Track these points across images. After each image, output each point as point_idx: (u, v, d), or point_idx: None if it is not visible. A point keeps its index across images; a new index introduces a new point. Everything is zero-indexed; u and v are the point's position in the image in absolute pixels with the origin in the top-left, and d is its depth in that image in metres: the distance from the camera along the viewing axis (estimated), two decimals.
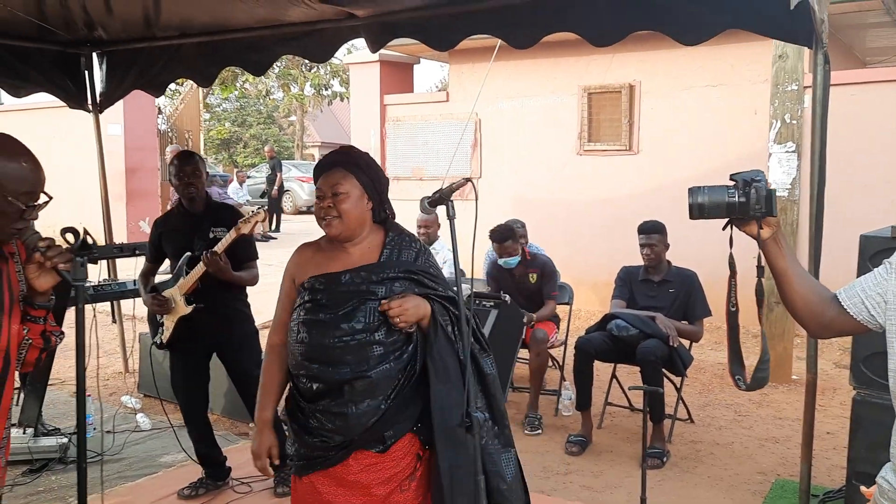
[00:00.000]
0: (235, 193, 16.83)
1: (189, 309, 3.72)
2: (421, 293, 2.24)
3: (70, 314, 3.13)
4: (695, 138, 7.97)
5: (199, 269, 3.63)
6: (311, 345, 2.21)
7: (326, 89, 29.54)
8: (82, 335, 2.14)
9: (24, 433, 4.28)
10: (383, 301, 2.18)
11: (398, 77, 10.32)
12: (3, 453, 2.17)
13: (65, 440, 4.34)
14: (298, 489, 2.35)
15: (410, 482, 2.26)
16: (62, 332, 2.22)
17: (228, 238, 3.60)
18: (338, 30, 4.55)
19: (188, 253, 3.75)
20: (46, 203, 2.04)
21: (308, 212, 20.37)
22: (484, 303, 4.56)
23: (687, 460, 4.51)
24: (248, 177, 20.46)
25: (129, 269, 5.55)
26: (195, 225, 3.81)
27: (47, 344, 2.15)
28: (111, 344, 6.55)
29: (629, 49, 7.43)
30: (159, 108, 13.43)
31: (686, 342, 4.80)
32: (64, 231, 2.05)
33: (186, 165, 3.82)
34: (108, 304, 6.08)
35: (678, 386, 4.94)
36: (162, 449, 4.52)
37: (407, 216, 4.61)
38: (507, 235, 5.23)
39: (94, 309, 4.50)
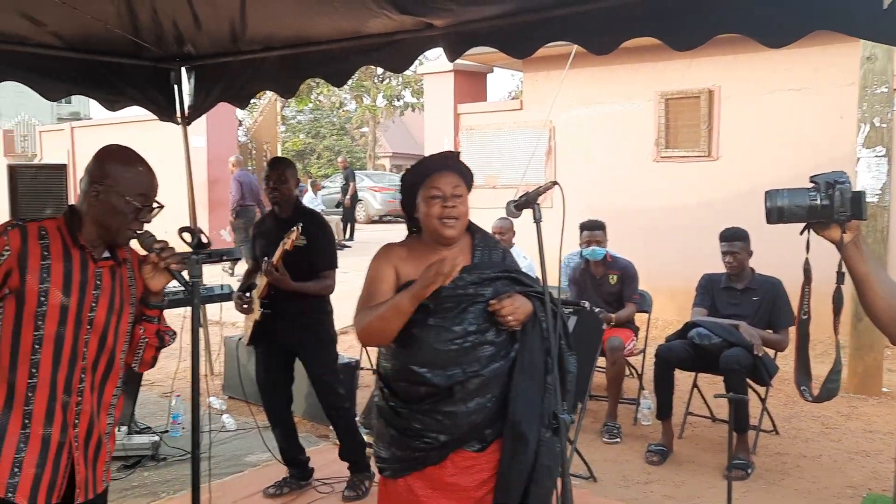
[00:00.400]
0: (311, 203, 17.21)
1: (259, 314, 3.85)
2: (521, 291, 2.27)
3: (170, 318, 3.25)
4: (777, 144, 7.77)
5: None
6: (421, 349, 2.22)
7: (398, 100, 29.98)
8: (197, 332, 2.25)
9: (118, 431, 4.49)
10: (492, 301, 2.20)
11: (471, 86, 10.40)
12: (108, 448, 2.30)
13: (156, 438, 4.53)
14: (393, 492, 2.35)
15: None
16: (174, 332, 2.38)
17: (279, 251, 3.71)
18: (416, 40, 4.61)
19: (266, 257, 3.88)
20: (160, 208, 2.20)
21: (381, 221, 20.64)
22: (564, 309, 4.55)
23: (772, 472, 4.39)
24: (323, 187, 20.89)
25: (215, 275, 5.76)
26: (279, 230, 3.92)
27: (161, 342, 2.33)
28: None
29: (708, 53, 7.29)
30: (240, 121, 13.83)
31: (771, 351, 4.68)
32: (181, 230, 2.18)
33: (273, 171, 3.98)
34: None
35: (762, 396, 4.82)
36: (247, 449, 4.67)
37: (481, 224, 4.69)
38: (597, 225, 5.34)
39: (204, 312, 4.67)
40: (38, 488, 2.07)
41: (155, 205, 2.20)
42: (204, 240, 2.19)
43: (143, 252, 2.23)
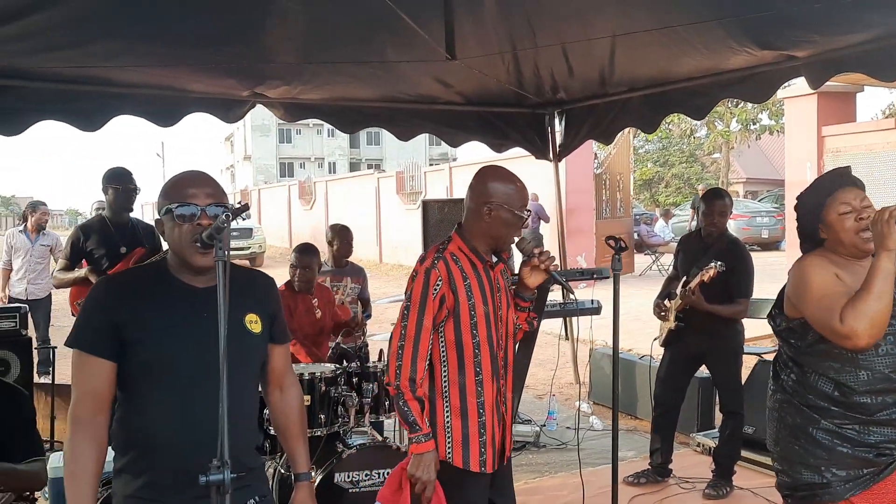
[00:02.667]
0: (662, 231, 17.45)
1: (673, 325, 4.40)
2: None
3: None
4: None
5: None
6: None
7: (754, 124, 28.76)
8: (616, 310, 2.81)
9: None
10: None
11: (837, 107, 9.92)
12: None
13: (537, 429, 5.31)
14: None
15: None
16: (536, 317, 2.85)
17: (698, 279, 4.16)
18: (777, 71, 4.74)
19: (685, 278, 4.42)
20: (529, 216, 2.66)
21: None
22: None
23: None
24: (674, 215, 20.94)
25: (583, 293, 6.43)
26: (700, 251, 4.44)
27: (531, 327, 2.83)
28: (562, 358, 7.54)
29: None
30: (595, 154, 14.69)
31: None
32: (607, 238, 2.80)
33: (711, 206, 4.47)
34: (562, 321, 7.03)
35: None
36: None
37: None
38: None
39: (571, 326, 5.36)
40: (494, 457, 2.59)
41: (525, 213, 2.59)
42: (623, 245, 2.76)
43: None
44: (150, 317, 1.94)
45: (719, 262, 4.00)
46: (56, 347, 5.10)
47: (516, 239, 2.70)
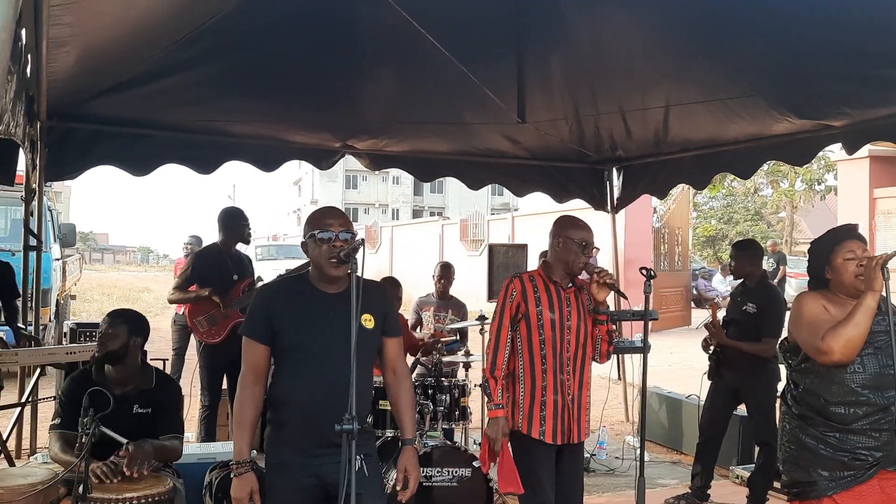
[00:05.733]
0: (719, 285, 17.68)
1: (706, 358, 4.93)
2: None
3: None
4: None
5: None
6: (867, 374, 2.72)
7: (819, 184, 28.69)
8: (646, 329, 3.37)
9: None
10: None
11: (889, 171, 10.26)
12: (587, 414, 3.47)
13: (587, 456, 5.79)
14: None
15: None
16: (615, 330, 3.49)
17: (713, 312, 4.73)
18: (816, 138, 5.23)
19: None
20: (598, 250, 3.44)
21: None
22: None
23: None
24: None
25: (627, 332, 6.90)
26: (741, 295, 4.90)
27: (611, 339, 3.49)
28: (613, 401, 7.99)
29: None
30: (654, 208, 15.13)
31: None
32: (641, 268, 3.39)
33: (737, 255, 4.98)
34: (616, 365, 7.50)
35: None
36: (659, 475, 5.67)
37: None
38: None
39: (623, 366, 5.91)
40: (555, 433, 3.31)
41: (595, 248, 3.40)
42: (652, 273, 3.36)
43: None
44: (292, 313, 2.63)
45: (719, 296, 4.54)
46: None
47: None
